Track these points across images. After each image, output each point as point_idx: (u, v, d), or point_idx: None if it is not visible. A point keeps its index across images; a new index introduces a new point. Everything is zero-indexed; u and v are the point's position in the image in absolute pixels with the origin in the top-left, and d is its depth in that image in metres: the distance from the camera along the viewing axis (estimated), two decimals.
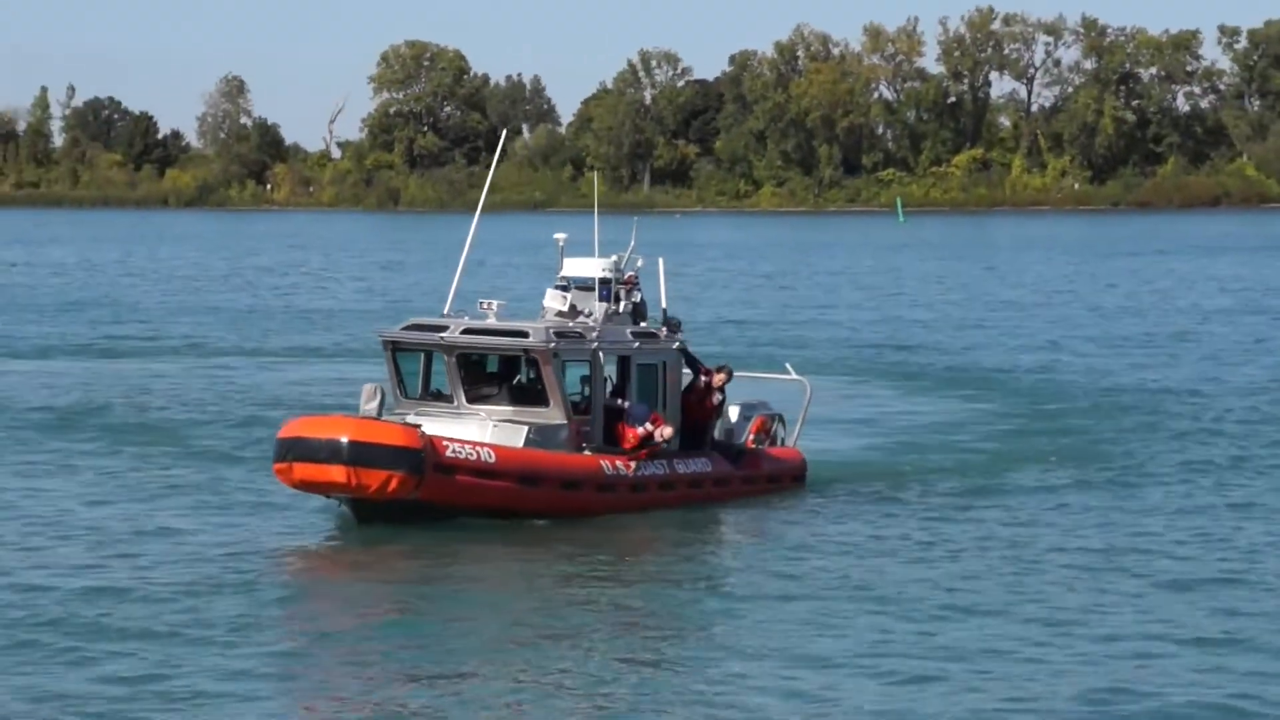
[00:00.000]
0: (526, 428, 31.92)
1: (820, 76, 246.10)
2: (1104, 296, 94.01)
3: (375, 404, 30.73)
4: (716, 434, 35.14)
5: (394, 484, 30.03)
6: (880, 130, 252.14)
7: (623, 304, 33.96)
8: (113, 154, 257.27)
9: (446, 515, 30.98)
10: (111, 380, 54.11)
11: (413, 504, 30.58)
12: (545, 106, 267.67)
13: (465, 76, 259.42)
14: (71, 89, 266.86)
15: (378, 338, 33.25)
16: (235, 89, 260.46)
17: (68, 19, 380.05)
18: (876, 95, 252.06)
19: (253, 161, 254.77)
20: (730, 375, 34.74)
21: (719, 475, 34.58)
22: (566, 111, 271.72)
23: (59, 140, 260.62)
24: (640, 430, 32.81)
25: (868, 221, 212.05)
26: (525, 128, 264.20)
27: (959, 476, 38.25)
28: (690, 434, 34.37)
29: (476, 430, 31.76)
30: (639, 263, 34.87)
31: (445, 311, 33.39)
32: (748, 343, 68.48)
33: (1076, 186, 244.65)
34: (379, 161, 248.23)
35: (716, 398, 34.62)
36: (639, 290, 34.40)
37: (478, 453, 30.92)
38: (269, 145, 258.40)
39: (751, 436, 35.73)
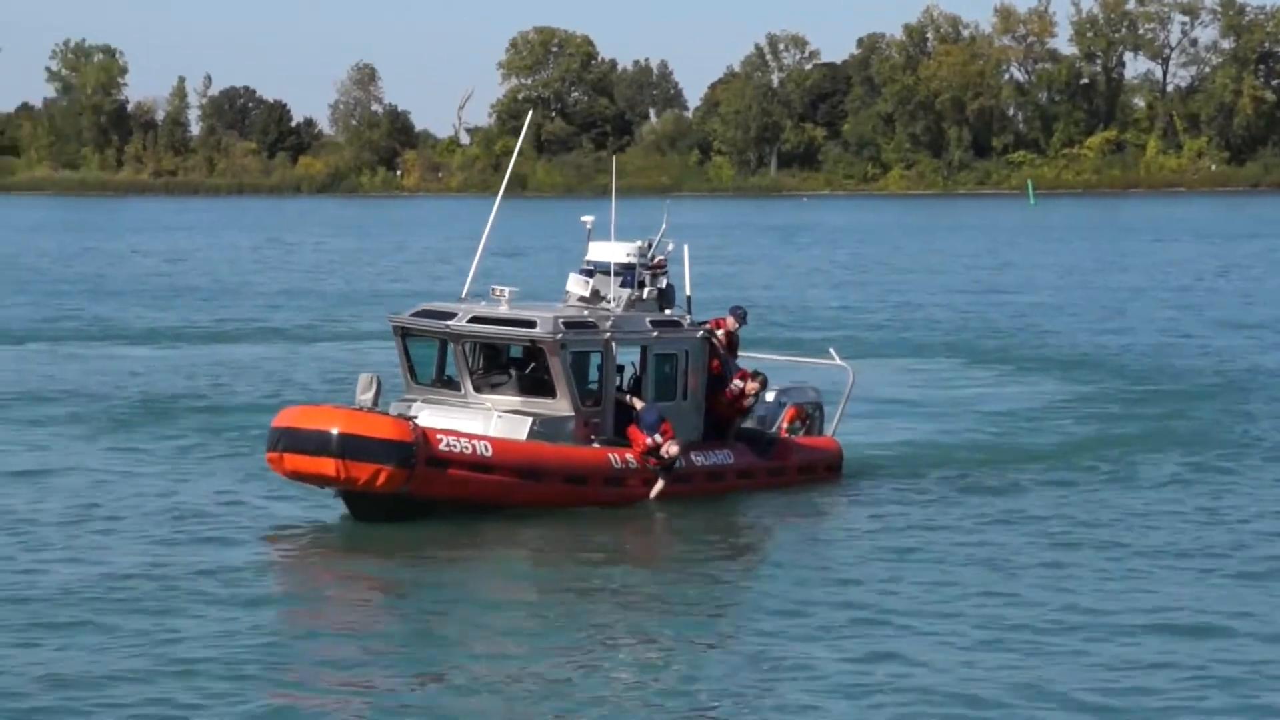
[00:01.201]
0: (531, 419, 30.40)
1: (950, 58, 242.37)
2: (1233, 280, 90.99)
3: (371, 394, 29.52)
4: (748, 423, 33.46)
5: (383, 478, 28.81)
6: (1011, 112, 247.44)
7: (647, 289, 32.30)
8: (247, 142, 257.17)
9: (444, 509, 29.48)
10: (211, 365, 53.07)
11: (404, 499, 29.18)
12: (672, 91, 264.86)
13: (593, 62, 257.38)
14: (208, 79, 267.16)
15: (388, 323, 32.10)
16: (367, 77, 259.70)
17: (205, 10, 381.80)
18: (1007, 77, 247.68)
19: (383, 148, 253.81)
20: (765, 385, 33.21)
21: (743, 467, 32.73)
22: (694, 96, 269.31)
23: (196, 129, 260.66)
24: (648, 440, 31.10)
25: (998, 204, 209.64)
26: (652, 112, 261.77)
27: (1021, 465, 36.50)
28: (714, 426, 32.75)
29: (480, 421, 30.42)
30: (669, 247, 33.08)
31: (462, 296, 31.96)
32: (841, 325, 67.37)
33: (1213, 168, 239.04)
34: (507, 147, 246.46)
35: (748, 401, 33.00)
36: (665, 275, 32.69)
37: (474, 446, 29.46)
38: (399, 132, 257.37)
39: (785, 425, 33.93)
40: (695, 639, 23.66)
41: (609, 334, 31.11)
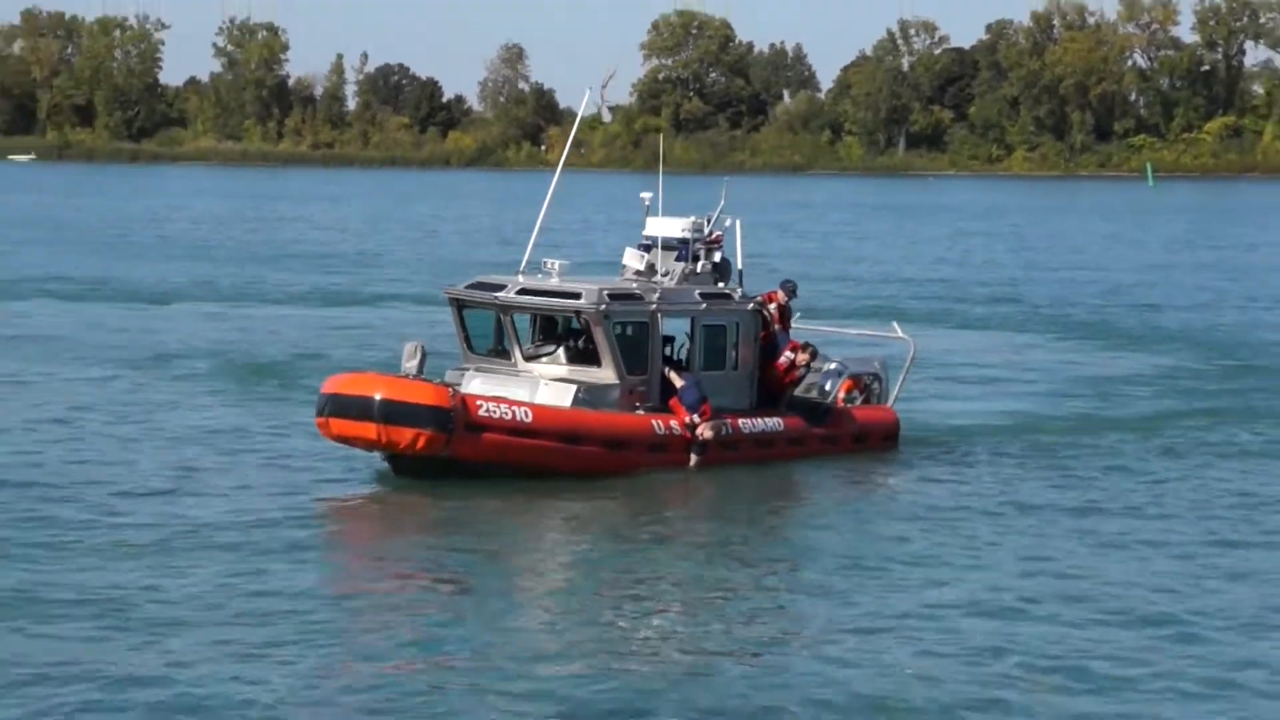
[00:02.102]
0: (576, 387, 30.36)
1: (1075, 45, 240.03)
2: None
3: (415, 362, 29.66)
4: (804, 392, 33.16)
5: (422, 441, 28.97)
6: (1133, 97, 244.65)
7: (700, 263, 32.00)
8: (400, 117, 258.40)
9: (483, 472, 29.34)
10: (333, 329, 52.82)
11: (445, 461, 29.17)
12: (806, 73, 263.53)
13: (731, 44, 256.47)
14: (365, 56, 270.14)
15: (444, 294, 32.13)
16: (515, 56, 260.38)
17: None
18: (1130, 63, 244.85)
19: (529, 124, 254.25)
20: (815, 354, 32.94)
21: (794, 435, 32.25)
22: (826, 78, 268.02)
23: (352, 104, 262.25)
24: (685, 418, 30.76)
25: (1118, 186, 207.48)
26: (786, 93, 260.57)
27: (1083, 438, 35.55)
28: (767, 395, 32.43)
29: (528, 389, 30.44)
30: (727, 223, 32.68)
31: (520, 269, 31.69)
32: (934, 296, 66.24)
33: None
34: (647, 125, 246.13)
35: (799, 372, 32.68)
36: (720, 250, 32.35)
37: (514, 412, 29.46)
38: (544, 109, 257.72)
39: (842, 395, 33.49)
40: (731, 603, 23.05)
41: (655, 306, 30.91)
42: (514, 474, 29.46)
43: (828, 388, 33.54)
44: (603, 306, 30.40)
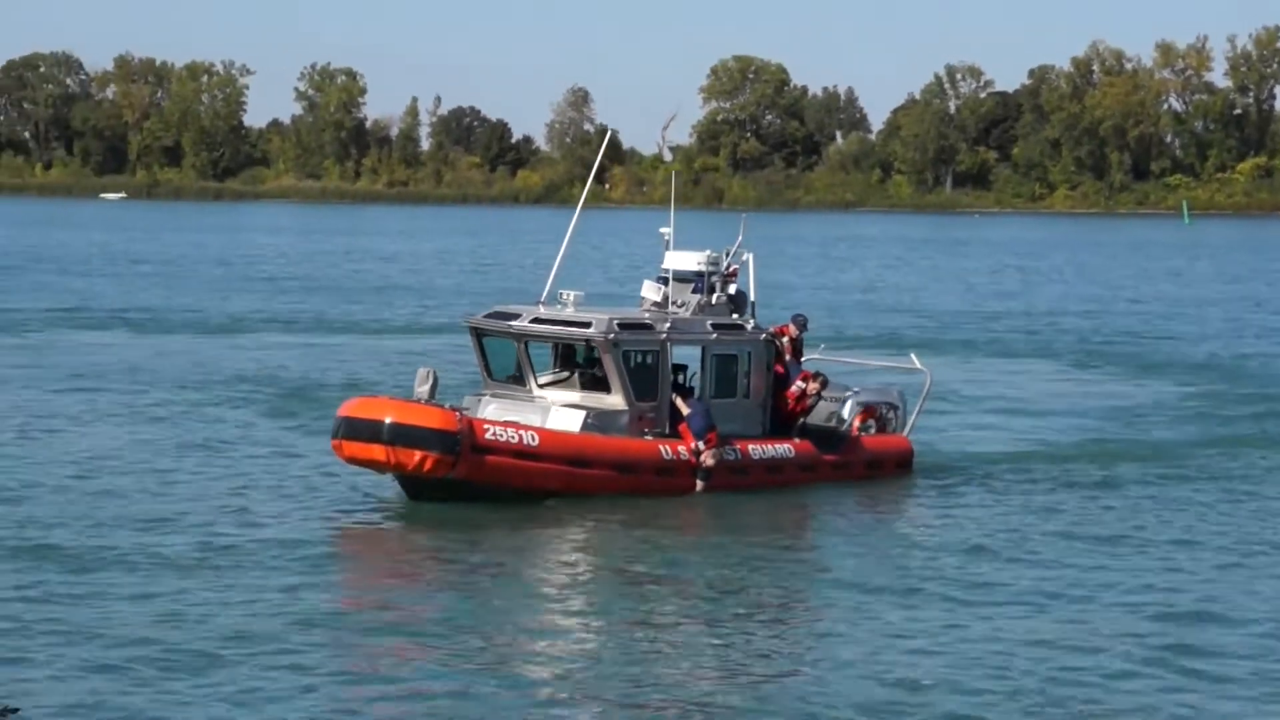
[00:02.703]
0: (585, 413, 30.63)
1: (1114, 89, 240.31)
2: None
3: (427, 387, 29.73)
4: (820, 420, 33.09)
5: (429, 463, 29.03)
6: (1169, 139, 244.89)
7: (715, 295, 32.21)
8: (472, 156, 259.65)
9: (495, 494, 29.56)
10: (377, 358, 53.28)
11: (453, 483, 29.33)
12: (857, 115, 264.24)
13: (786, 88, 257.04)
14: (438, 99, 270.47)
15: (463, 323, 32.44)
16: (580, 99, 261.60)
17: (438, 37, 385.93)
18: (1166, 106, 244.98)
19: (593, 164, 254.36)
20: (825, 384, 32.91)
21: (804, 461, 32.29)
22: (877, 120, 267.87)
23: (426, 144, 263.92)
24: (691, 443, 30.93)
25: (1155, 223, 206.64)
26: (838, 134, 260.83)
27: (1100, 466, 35.09)
28: (780, 423, 32.51)
29: (540, 414, 30.68)
30: (744, 257, 32.79)
31: (542, 298, 31.87)
32: (978, 327, 65.72)
33: None
34: (706, 164, 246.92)
35: (810, 401, 32.73)
36: (735, 282, 32.49)
37: (520, 435, 29.71)
38: (608, 149, 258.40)
39: (857, 424, 33.35)
40: (728, 624, 22.72)
41: (665, 335, 31.04)
42: (523, 497, 29.49)
43: (844, 416, 33.40)
44: (612, 335, 30.55)
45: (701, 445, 30.79)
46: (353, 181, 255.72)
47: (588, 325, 30.74)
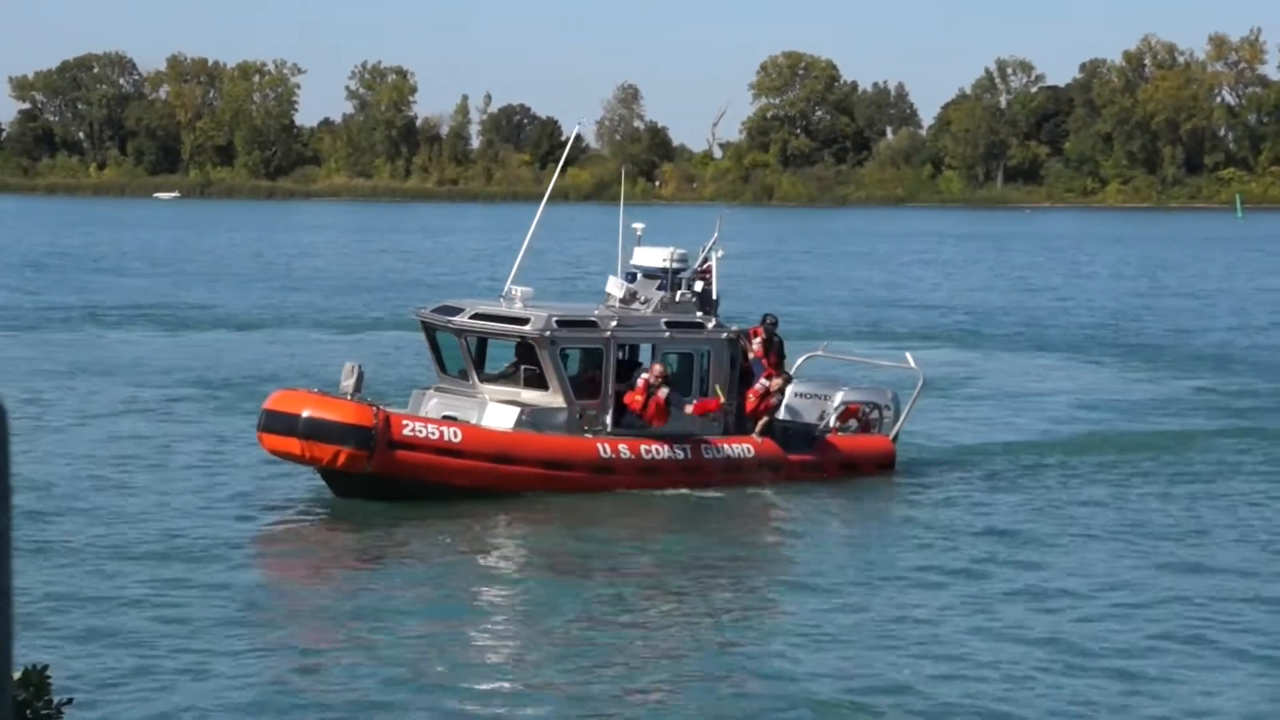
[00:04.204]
0: (519, 409, 30.10)
1: (1166, 83, 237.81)
2: None
3: (352, 381, 29.51)
4: (806, 419, 32.58)
5: (343, 458, 28.75)
6: (1222, 132, 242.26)
7: (680, 292, 31.57)
8: (522, 154, 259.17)
9: (422, 492, 28.94)
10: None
11: (372, 478, 28.87)
12: (908, 111, 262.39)
13: (836, 83, 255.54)
14: (488, 97, 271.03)
15: (414, 317, 32.15)
16: (630, 96, 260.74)
17: (488, 35, 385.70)
18: (1219, 100, 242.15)
19: (643, 160, 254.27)
20: (788, 380, 32.41)
21: (767, 460, 31.47)
22: (927, 115, 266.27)
23: (476, 142, 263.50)
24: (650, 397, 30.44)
25: (1207, 217, 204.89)
26: (889, 130, 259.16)
27: (1084, 460, 34.68)
28: (739, 420, 31.74)
29: (476, 410, 30.16)
30: (719, 254, 32.27)
31: (503, 292, 31.54)
32: (1005, 321, 64.75)
33: None
34: (756, 161, 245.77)
35: (774, 399, 31.97)
36: (704, 280, 31.84)
37: (441, 431, 29.19)
38: (658, 146, 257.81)
39: (836, 423, 32.67)
40: (680, 622, 22.37)
41: (609, 332, 30.54)
42: (451, 494, 28.94)
43: (825, 415, 32.87)
44: (547, 332, 30.14)
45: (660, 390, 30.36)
46: (403, 180, 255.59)
47: (524, 321, 30.32)
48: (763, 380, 31.91)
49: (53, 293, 73.86)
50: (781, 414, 32.67)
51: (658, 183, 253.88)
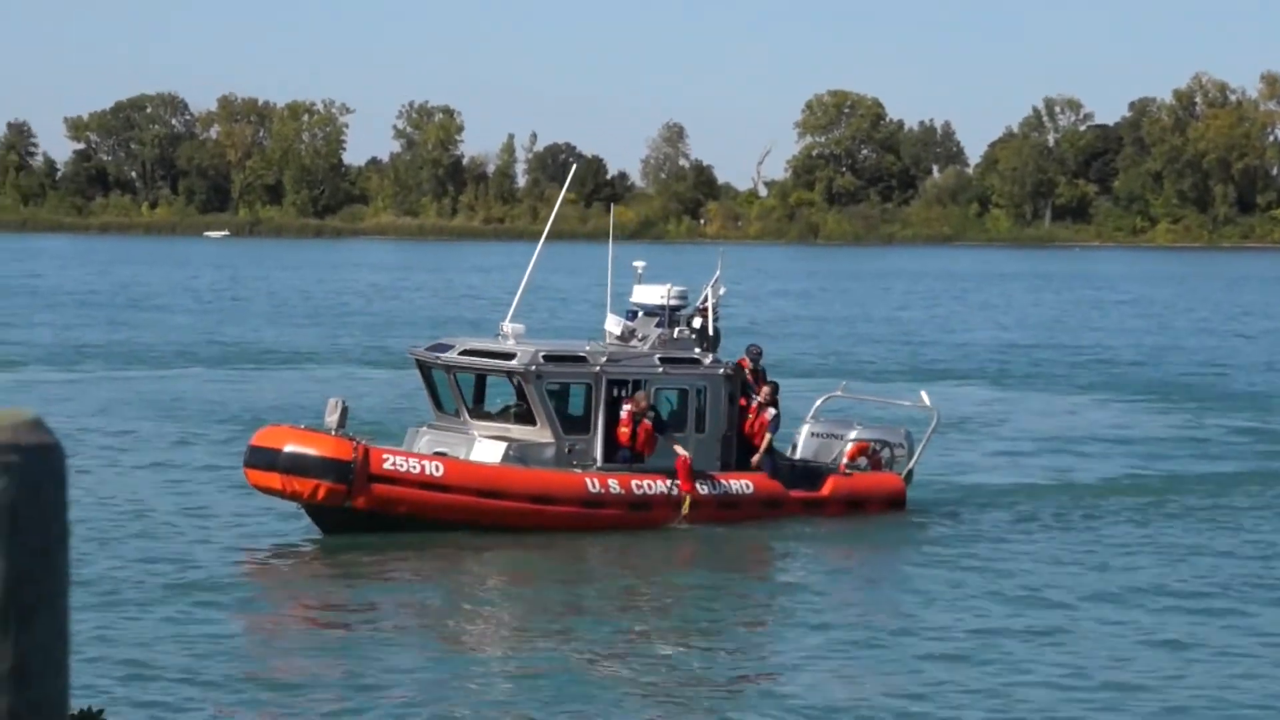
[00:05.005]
0: (506, 444, 30.09)
1: (1217, 121, 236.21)
2: None
3: (335, 416, 29.52)
4: (821, 458, 32.35)
5: (322, 492, 28.85)
6: (1275, 171, 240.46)
7: (678, 329, 31.69)
8: (567, 193, 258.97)
9: (399, 526, 28.90)
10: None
11: (354, 513, 28.83)
12: (954, 149, 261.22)
13: (882, 122, 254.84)
14: (534, 136, 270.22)
15: (408, 355, 32.49)
16: (675, 134, 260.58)
17: (534, 74, 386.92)
18: (1272, 139, 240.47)
19: (688, 199, 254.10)
20: (776, 388, 31.87)
21: (768, 496, 31.16)
22: (974, 153, 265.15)
23: (522, 180, 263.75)
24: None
25: (1259, 257, 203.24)
26: (935, 168, 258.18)
27: (1099, 502, 34.09)
28: (744, 453, 31.54)
29: (465, 445, 30.13)
30: (721, 291, 32.46)
31: (500, 330, 31.78)
32: (1020, 362, 64.07)
33: None
34: (801, 199, 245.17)
35: (769, 414, 31.48)
36: (702, 317, 31.88)
37: (423, 466, 29.25)
38: (703, 184, 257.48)
39: (845, 461, 32.26)
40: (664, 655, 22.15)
41: (598, 368, 30.47)
42: (437, 528, 28.91)
43: (835, 453, 32.67)
44: (534, 368, 30.19)
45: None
46: (450, 218, 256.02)
47: (511, 357, 30.43)
48: (756, 399, 31.64)
49: (97, 329, 73.96)
50: (797, 453, 32.35)
51: (703, 221, 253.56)
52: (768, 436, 31.51)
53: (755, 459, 31.52)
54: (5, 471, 2.51)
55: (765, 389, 31.59)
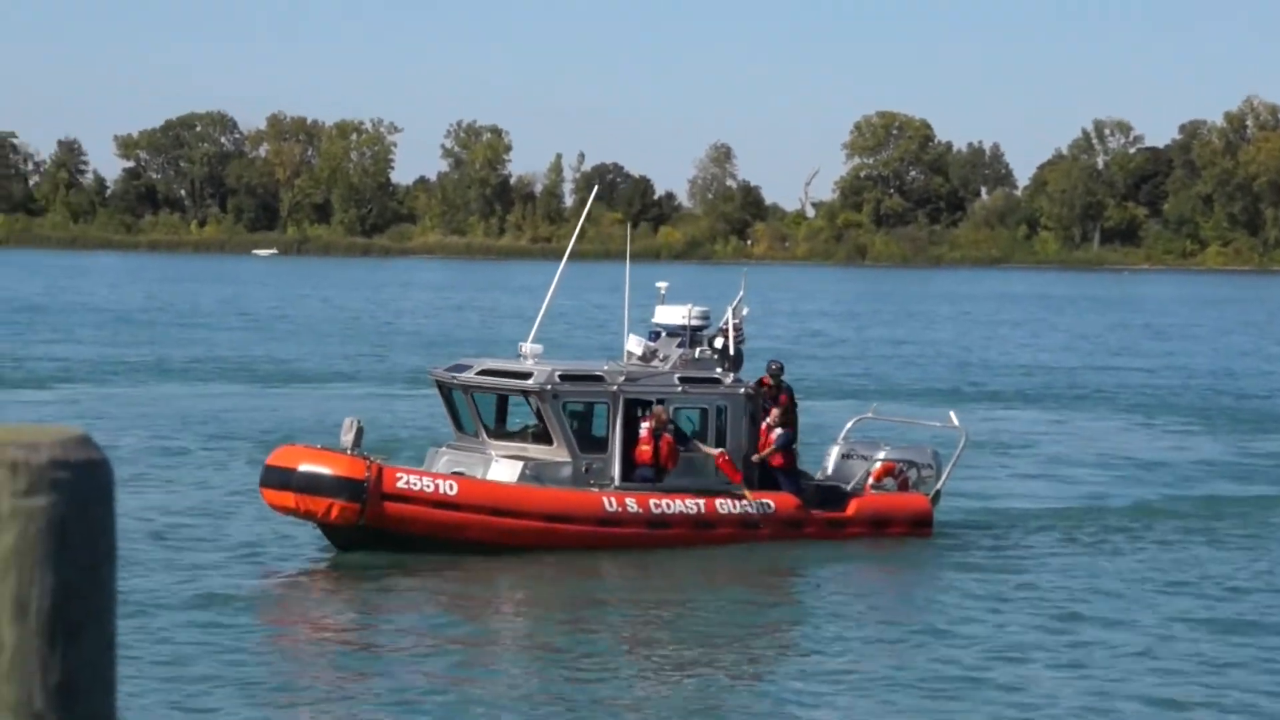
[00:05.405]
0: (523, 463, 30.11)
1: (1269, 144, 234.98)
2: None
3: (351, 436, 29.59)
4: (848, 478, 32.13)
5: (335, 511, 28.88)
6: None
7: (700, 349, 31.66)
8: (614, 212, 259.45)
9: (417, 545, 28.92)
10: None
11: (368, 532, 28.93)
12: (1003, 171, 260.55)
13: (930, 143, 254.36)
14: (581, 155, 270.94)
15: (428, 377, 32.58)
16: (723, 155, 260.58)
17: (582, 94, 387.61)
18: None
19: (736, 220, 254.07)
20: (793, 405, 31.78)
21: (790, 517, 30.94)
22: (1023, 175, 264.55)
23: (569, 200, 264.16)
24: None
25: None
26: (983, 190, 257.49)
27: (1137, 525, 33.70)
28: (765, 474, 31.37)
29: (482, 465, 30.19)
30: (744, 311, 32.52)
31: (521, 351, 31.66)
32: (1058, 384, 63.61)
33: None
34: (849, 220, 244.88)
35: (775, 434, 31.26)
36: (724, 337, 31.83)
37: (436, 484, 29.30)
38: (751, 205, 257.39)
39: (871, 482, 32.10)
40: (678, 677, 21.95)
41: (616, 387, 30.51)
42: (453, 547, 28.91)
43: (861, 473, 32.49)
44: (549, 386, 30.21)
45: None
46: (497, 238, 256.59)
47: (527, 376, 30.48)
48: (765, 420, 31.63)
49: (142, 346, 74.26)
50: (827, 474, 32.26)
51: (750, 241, 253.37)
52: (780, 457, 31.39)
53: (789, 480, 31.46)
54: (54, 488, 2.53)
55: (775, 411, 31.41)
